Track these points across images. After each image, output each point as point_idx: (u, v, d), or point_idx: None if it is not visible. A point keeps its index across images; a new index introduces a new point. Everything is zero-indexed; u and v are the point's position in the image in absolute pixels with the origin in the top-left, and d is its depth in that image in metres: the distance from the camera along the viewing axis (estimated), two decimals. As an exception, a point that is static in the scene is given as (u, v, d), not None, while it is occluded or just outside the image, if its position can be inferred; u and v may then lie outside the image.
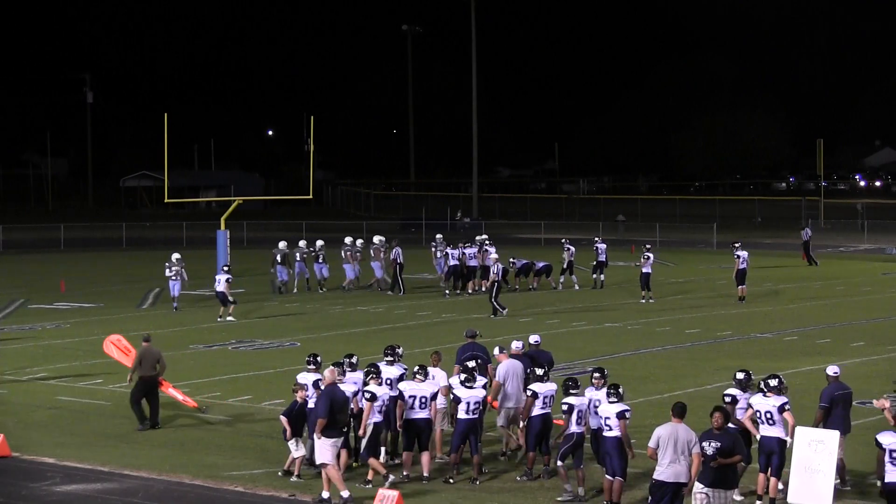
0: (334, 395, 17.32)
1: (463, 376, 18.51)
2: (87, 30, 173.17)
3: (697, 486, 15.14)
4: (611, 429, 16.61)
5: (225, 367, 27.93)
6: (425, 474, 18.24)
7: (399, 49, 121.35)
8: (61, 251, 66.14)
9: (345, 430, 17.78)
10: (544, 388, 18.13)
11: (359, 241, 44.51)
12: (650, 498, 15.35)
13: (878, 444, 15.20)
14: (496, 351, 20.12)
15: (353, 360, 19.25)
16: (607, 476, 16.71)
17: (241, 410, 22.75)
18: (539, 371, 18.48)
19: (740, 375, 17.79)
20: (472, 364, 18.94)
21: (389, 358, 19.53)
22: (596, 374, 17.89)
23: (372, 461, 18.01)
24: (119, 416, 22.97)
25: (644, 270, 40.12)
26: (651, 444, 15.21)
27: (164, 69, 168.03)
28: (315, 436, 17.35)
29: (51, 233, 72.43)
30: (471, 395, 18.23)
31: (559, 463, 17.44)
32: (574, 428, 17.40)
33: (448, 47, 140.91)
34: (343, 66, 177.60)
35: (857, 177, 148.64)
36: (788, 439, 16.74)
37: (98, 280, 49.74)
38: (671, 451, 14.99)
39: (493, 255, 39.52)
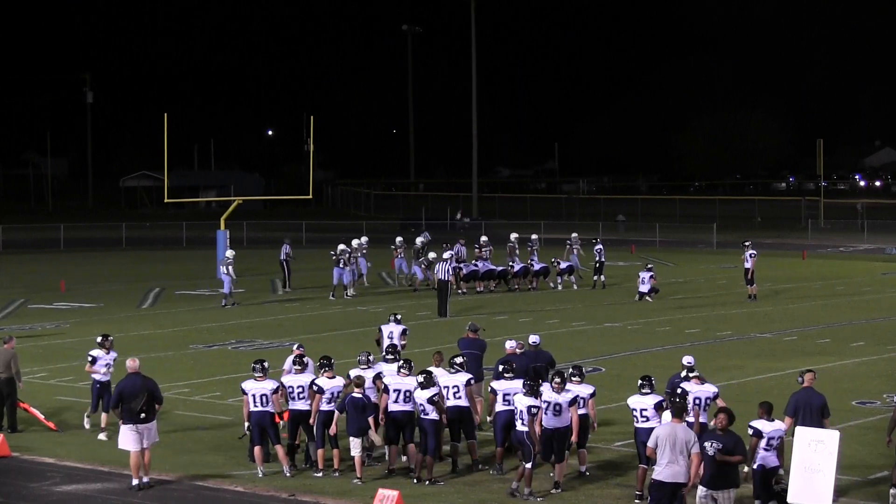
0: (124, 387, 18.01)
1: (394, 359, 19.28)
2: (87, 30, 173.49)
3: (700, 490, 15.11)
4: (647, 419, 16.99)
5: (225, 367, 27.91)
6: (411, 465, 18.44)
7: (399, 49, 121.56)
8: (61, 251, 66.09)
9: (143, 416, 17.96)
10: (505, 386, 18.36)
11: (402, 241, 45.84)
12: (650, 498, 15.36)
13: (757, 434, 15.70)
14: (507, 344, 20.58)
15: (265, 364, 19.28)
16: (642, 465, 16.86)
17: (240, 410, 22.68)
18: (500, 367, 18.86)
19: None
20: (459, 360, 19.03)
21: (390, 356, 19.77)
22: (556, 379, 17.67)
23: (320, 452, 18.57)
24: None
25: (641, 289, 40.31)
26: (650, 443, 15.22)
27: (164, 69, 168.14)
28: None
29: (51, 233, 72.38)
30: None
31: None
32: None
33: (448, 47, 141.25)
34: (343, 66, 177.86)
35: (857, 177, 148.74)
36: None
37: (98, 280, 49.69)
38: (669, 451, 14.98)
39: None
